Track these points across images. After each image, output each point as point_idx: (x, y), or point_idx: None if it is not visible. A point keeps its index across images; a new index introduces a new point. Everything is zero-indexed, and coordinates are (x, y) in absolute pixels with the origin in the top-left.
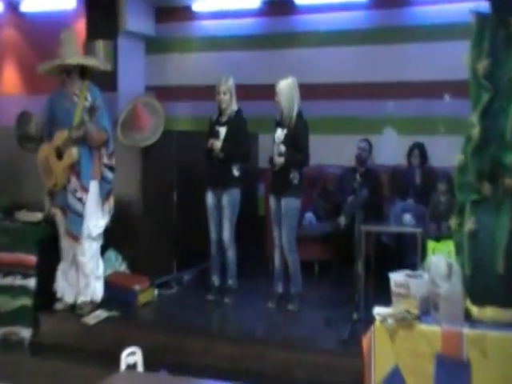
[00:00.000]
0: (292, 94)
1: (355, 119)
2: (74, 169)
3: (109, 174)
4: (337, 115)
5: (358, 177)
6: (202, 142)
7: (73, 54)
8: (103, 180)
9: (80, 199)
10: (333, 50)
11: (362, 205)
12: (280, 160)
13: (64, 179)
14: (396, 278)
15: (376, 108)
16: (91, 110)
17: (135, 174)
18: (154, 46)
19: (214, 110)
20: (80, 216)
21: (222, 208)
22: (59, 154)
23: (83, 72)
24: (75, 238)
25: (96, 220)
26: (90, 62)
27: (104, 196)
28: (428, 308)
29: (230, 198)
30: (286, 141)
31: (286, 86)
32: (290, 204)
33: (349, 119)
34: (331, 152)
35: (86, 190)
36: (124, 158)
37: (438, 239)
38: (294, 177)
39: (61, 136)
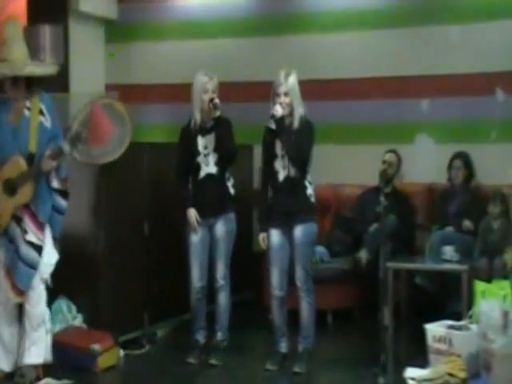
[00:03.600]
0: (299, 93)
1: (379, 125)
2: (27, 206)
3: (62, 203)
4: (354, 120)
5: (382, 199)
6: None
7: (22, 57)
8: (54, 210)
9: (33, 244)
10: (348, 35)
11: (389, 235)
12: (289, 174)
13: (9, 219)
14: (434, 330)
15: (406, 110)
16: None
17: (93, 199)
18: (117, 32)
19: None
20: (32, 267)
21: (215, 242)
22: (10, 189)
23: (29, 79)
24: (21, 293)
25: (46, 256)
26: (50, 70)
27: (57, 230)
28: (478, 369)
29: (227, 226)
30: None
31: (295, 84)
32: (310, 230)
33: (370, 125)
34: (348, 167)
35: (42, 229)
36: (78, 179)
37: (489, 279)
38: (311, 194)
39: (14, 166)
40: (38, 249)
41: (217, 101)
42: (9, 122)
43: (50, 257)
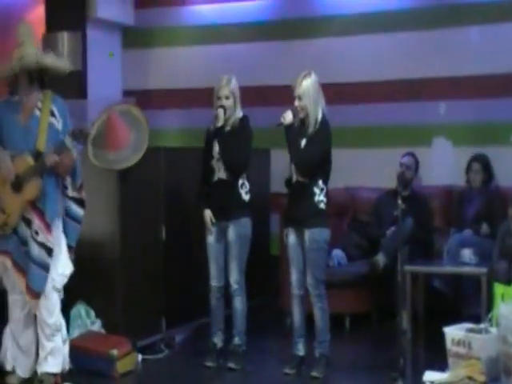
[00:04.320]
0: (316, 96)
1: (396, 127)
2: (35, 205)
3: (78, 211)
4: (371, 123)
5: (400, 202)
6: (197, 161)
7: (34, 51)
8: (70, 218)
9: (44, 245)
10: (363, 38)
11: (407, 238)
12: (298, 178)
13: (18, 219)
14: (454, 333)
15: (423, 112)
16: (78, 134)
17: (110, 205)
18: (134, 38)
19: (211, 120)
20: (44, 268)
21: (228, 245)
22: (17, 186)
23: (43, 79)
24: (36, 295)
25: (61, 267)
26: (63, 63)
27: (73, 239)
28: (497, 373)
29: (239, 231)
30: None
31: (310, 87)
32: (318, 236)
33: (387, 128)
34: (365, 171)
35: (50, 230)
36: (95, 185)
37: (508, 282)
38: (320, 200)
39: (22, 163)
40: (48, 250)
41: (219, 111)
42: (19, 122)
43: (65, 268)
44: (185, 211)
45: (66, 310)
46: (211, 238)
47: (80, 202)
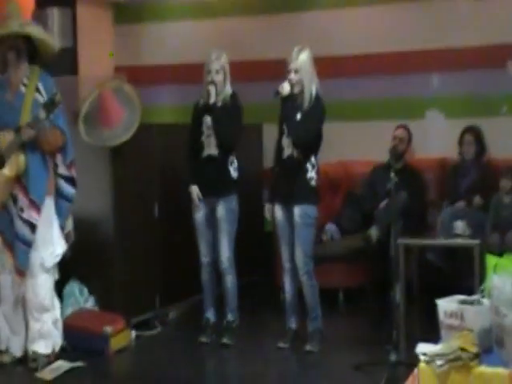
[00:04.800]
0: (312, 71)
1: (388, 100)
2: (21, 182)
3: (69, 189)
4: (364, 96)
5: (393, 175)
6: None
7: (17, 24)
8: (61, 197)
9: (28, 222)
10: (355, 10)
11: (400, 212)
12: (292, 153)
13: (5, 195)
14: (446, 305)
15: (416, 84)
16: (50, 105)
17: (103, 182)
18: (125, 13)
19: (200, 94)
20: (27, 245)
21: (218, 221)
22: (0, 162)
23: (32, 55)
24: (21, 272)
25: (52, 247)
26: (48, 37)
27: (64, 218)
28: (490, 344)
29: (228, 207)
30: None
31: (307, 61)
32: (306, 212)
33: (380, 101)
34: (357, 144)
35: (37, 208)
36: (88, 163)
37: (501, 253)
38: (312, 177)
39: (3, 139)
40: (32, 226)
41: (210, 87)
42: (6, 99)
43: (57, 247)
44: (178, 188)
45: (59, 287)
46: (199, 215)
47: (70, 180)
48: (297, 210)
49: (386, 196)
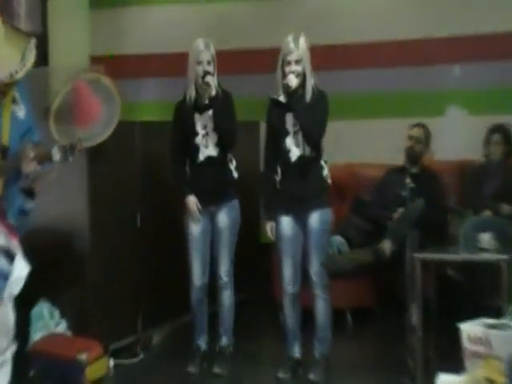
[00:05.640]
0: (309, 60)
1: (403, 95)
2: None
3: (27, 204)
4: (375, 90)
5: (408, 180)
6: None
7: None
8: (20, 212)
9: (5, 251)
10: None
11: (416, 222)
12: (304, 152)
13: None
14: (470, 330)
15: (434, 77)
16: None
17: (78, 188)
18: None
19: (186, 90)
20: (4, 278)
21: (217, 232)
22: None
23: None
24: None
25: (18, 270)
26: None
27: (22, 234)
28: None
29: (231, 214)
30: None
31: (306, 49)
32: (325, 216)
33: (393, 95)
34: (367, 145)
35: (15, 233)
36: (61, 166)
37: None
38: (327, 174)
39: None
40: (9, 256)
41: (209, 79)
42: None
43: (21, 269)
44: (164, 195)
45: (26, 309)
46: (196, 228)
47: (30, 194)
48: (314, 216)
49: (401, 204)
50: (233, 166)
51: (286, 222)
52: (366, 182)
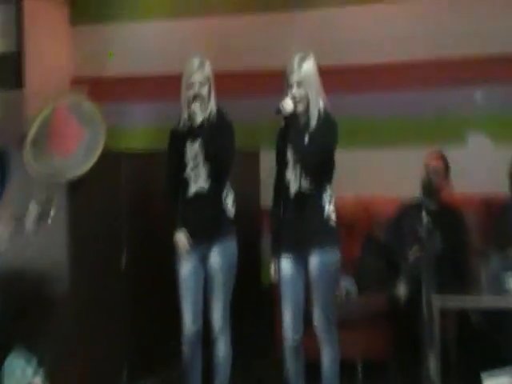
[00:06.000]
0: (318, 83)
1: (419, 121)
2: None
3: None
4: (386, 116)
5: (426, 216)
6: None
7: None
8: None
9: None
10: (376, 7)
11: (435, 263)
12: (300, 187)
13: None
14: (495, 382)
15: (453, 100)
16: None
17: (57, 225)
18: (86, 9)
19: (178, 117)
20: None
21: (211, 273)
22: None
23: None
24: None
25: None
26: None
27: None
28: None
29: (225, 254)
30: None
31: (311, 71)
32: (330, 259)
33: (409, 121)
34: (381, 176)
35: None
36: (38, 200)
37: None
38: (331, 212)
39: None
40: None
41: (195, 105)
42: None
43: None
44: (152, 233)
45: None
46: (186, 269)
47: None
48: (315, 258)
49: (417, 242)
50: (229, 200)
51: (286, 262)
52: (378, 218)
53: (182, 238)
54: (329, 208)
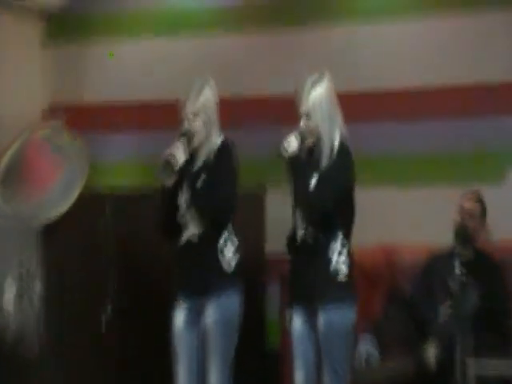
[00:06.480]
0: (332, 112)
1: (451, 154)
2: None
3: None
4: (415, 149)
5: (459, 267)
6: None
7: None
8: None
9: None
10: (400, 23)
11: (470, 322)
12: (306, 233)
13: None
14: None
15: (490, 131)
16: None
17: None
18: (63, 28)
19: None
20: None
21: (206, 333)
22: None
23: None
24: None
25: None
26: None
27: None
28: None
29: (222, 311)
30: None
31: (323, 99)
32: (339, 318)
33: (437, 155)
34: (407, 220)
35: None
36: (4, 247)
37: None
38: (342, 264)
39: None
40: None
41: (177, 145)
42: None
43: None
44: (138, 287)
45: None
46: (180, 322)
47: None
48: (321, 317)
49: (450, 297)
50: (228, 250)
51: (298, 317)
52: (404, 269)
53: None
54: (338, 259)
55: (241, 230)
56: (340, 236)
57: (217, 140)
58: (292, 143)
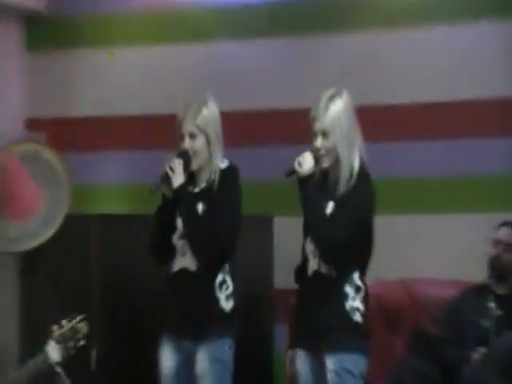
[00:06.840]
0: (352, 131)
1: (482, 180)
2: None
3: None
4: (442, 172)
5: (493, 305)
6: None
7: None
8: None
9: None
10: (424, 31)
11: (506, 366)
12: (319, 268)
13: None
14: None
15: None
16: None
17: (6, 309)
18: (45, 32)
19: None
20: None
21: (195, 378)
22: None
23: None
24: None
25: None
26: None
27: None
28: None
29: (213, 358)
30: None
31: (342, 116)
32: (348, 362)
33: (469, 180)
34: (431, 253)
35: None
36: None
37: None
38: (355, 307)
39: None
40: None
41: (168, 172)
42: None
43: None
44: (131, 318)
45: None
46: (168, 368)
47: None
48: (331, 361)
49: (482, 340)
50: (223, 292)
51: (302, 359)
52: (429, 307)
53: None
54: (353, 301)
55: (249, 261)
56: (355, 274)
57: (220, 164)
58: (307, 160)
